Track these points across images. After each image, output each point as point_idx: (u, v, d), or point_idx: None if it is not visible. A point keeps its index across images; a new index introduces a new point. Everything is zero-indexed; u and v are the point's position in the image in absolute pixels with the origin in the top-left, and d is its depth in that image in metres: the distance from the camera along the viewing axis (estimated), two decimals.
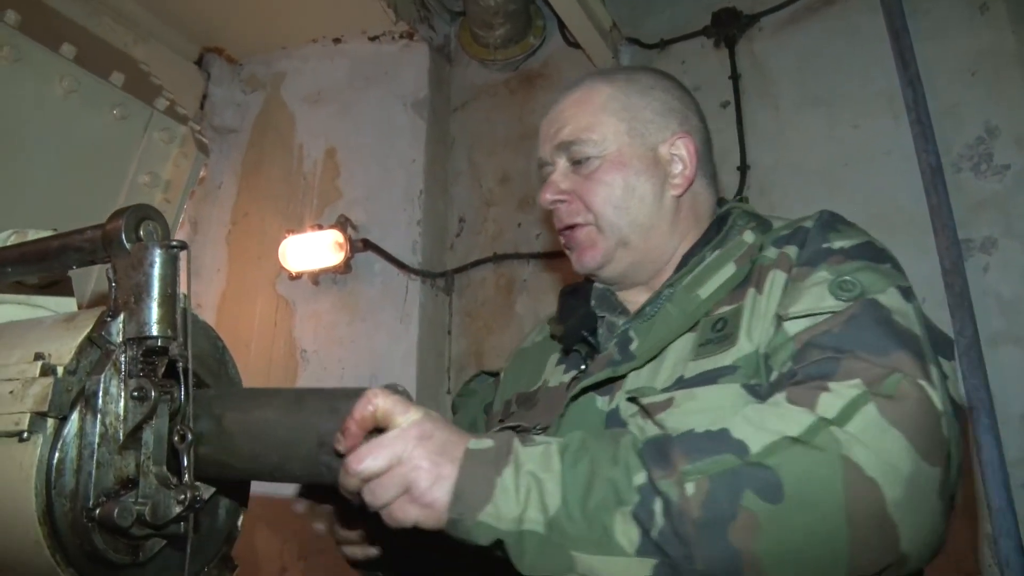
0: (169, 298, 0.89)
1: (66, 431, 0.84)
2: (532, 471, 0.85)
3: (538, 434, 1.06)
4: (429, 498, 0.84)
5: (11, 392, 0.86)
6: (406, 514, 0.85)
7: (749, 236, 1.20)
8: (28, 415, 0.83)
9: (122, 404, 0.88)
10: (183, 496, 0.87)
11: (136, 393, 0.88)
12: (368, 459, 0.84)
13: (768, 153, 2.56)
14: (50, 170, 2.24)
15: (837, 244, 1.10)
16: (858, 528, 0.79)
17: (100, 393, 0.86)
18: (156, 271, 0.89)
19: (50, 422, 0.84)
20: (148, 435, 0.90)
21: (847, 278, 1.01)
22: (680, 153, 1.28)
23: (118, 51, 2.62)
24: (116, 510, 0.84)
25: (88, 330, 0.88)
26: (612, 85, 1.30)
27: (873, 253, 1.08)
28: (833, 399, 0.85)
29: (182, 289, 0.92)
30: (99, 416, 0.86)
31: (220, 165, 3.25)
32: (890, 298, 0.99)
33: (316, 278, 2.95)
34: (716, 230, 1.26)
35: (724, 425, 0.86)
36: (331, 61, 3.21)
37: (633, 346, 1.17)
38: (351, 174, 3.05)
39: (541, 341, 1.46)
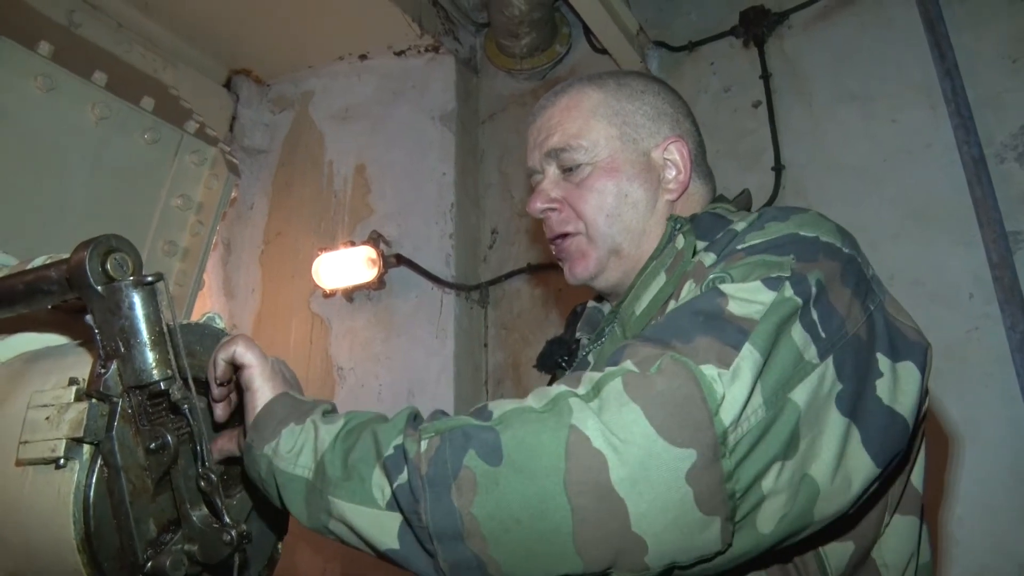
0: (160, 336, 0.87)
1: (93, 486, 0.83)
2: (315, 422, 0.90)
3: None
4: (249, 420, 0.93)
5: (47, 418, 0.85)
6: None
7: (680, 241, 1.12)
8: (64, 441, 0.82)
9: (141, 454, 0.87)
10: (228, 537, 0.86)
11: (153, 445, 0.87)
12: (239, 346, 0.96)
13: (803, 152, 2.51)
14: (85, 195, 2.26)
15: (748, 243, 0.97)
16: (580, 499, 0.74)
17: (117, 450, 0.85)
18: (138, 313, 0.86)
19: (86, 448, 0.83)
20: (177, 479, 0.89)
21: (720, 274, 0.92)
22: (673, 158, 1.24)
23: (148, 76, 2.65)
24: (168, 562, 0.84)
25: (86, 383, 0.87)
26: (602, 90, 1.26)
27: (779, 246, 0.94)
28: (593, 376, 0.82)
29: (168, 318, 0.89)
30: (122, 473, 0.85)
31: (251, 186, 3.27)
32: (740, 287, 0.88)
33: (350, 295, 2.94)
34: (667, 240, 1.17)
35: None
36: (358, 78, 3.21)
37: None
38: (382, 190, 3.05)
39: None
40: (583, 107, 1.24)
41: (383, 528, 0.81)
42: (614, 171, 1.21)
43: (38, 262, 1.15)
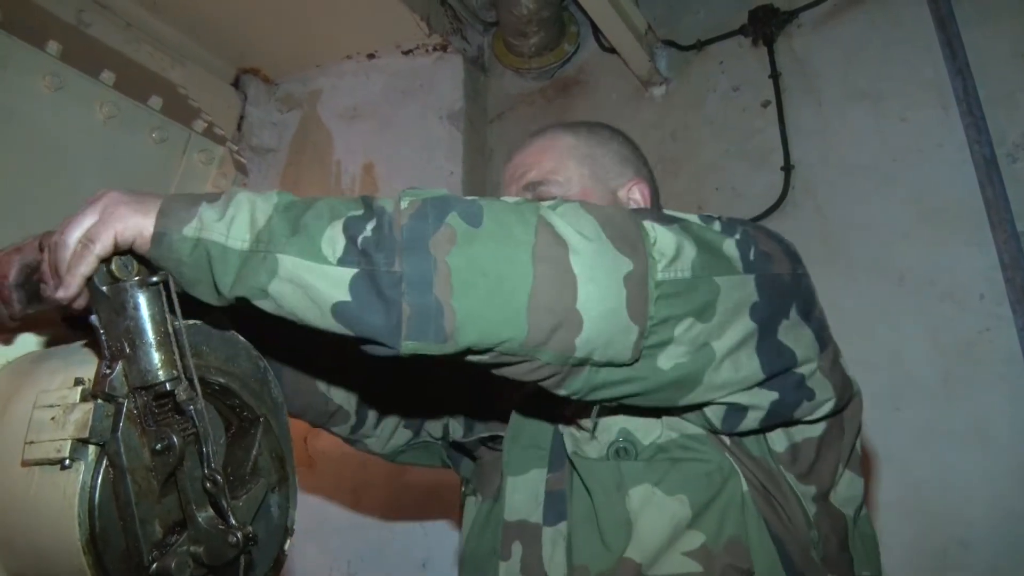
0: (166, 337, 0.87)
1: (99, 487, 0.83)
2: (248, 196, 0.89)
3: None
4: (133, 221, 0.86)
5: (53, 418, 0.85)
6: (114, 234, 0.86)
7: None
8: (69, 442, 0.82)
9: (147, 455, 0.86)
10: (234, 538, 0.86)
11: (159, 446, 0.86)
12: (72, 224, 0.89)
13: (813, 151, 2.49)
14: (93, 193, 2.26)
15: None
16: (542, 267, 0.85)
17: (123, 451, 0.84)
18: (143, 313, 0.86)
19: (91, 449, 0.83)
20: (183, 480, 0.88)
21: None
22: (636, 197, 1.37)
23: (156, 75, 2.64)
24: (173, 564, 0.84)
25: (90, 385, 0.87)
26: (575, 135, 1.40)
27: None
28: (553, 202, 0.95)
29: (176, 321, 0.89)
30: (128, 474, 0.84)
31: (259, 185, 3.26)
32: (678, 213, 1.02)
33: None
34: None
35: None
36: (366, 77, 3.21)
37: None
38: (390, 188, 3.04)
39: None
40: (558, 148, 1.38)
41: (333, 281, 0.84)
42: None
43: None
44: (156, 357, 0.86)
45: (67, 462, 0.82)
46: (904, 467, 2.09)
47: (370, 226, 0.86)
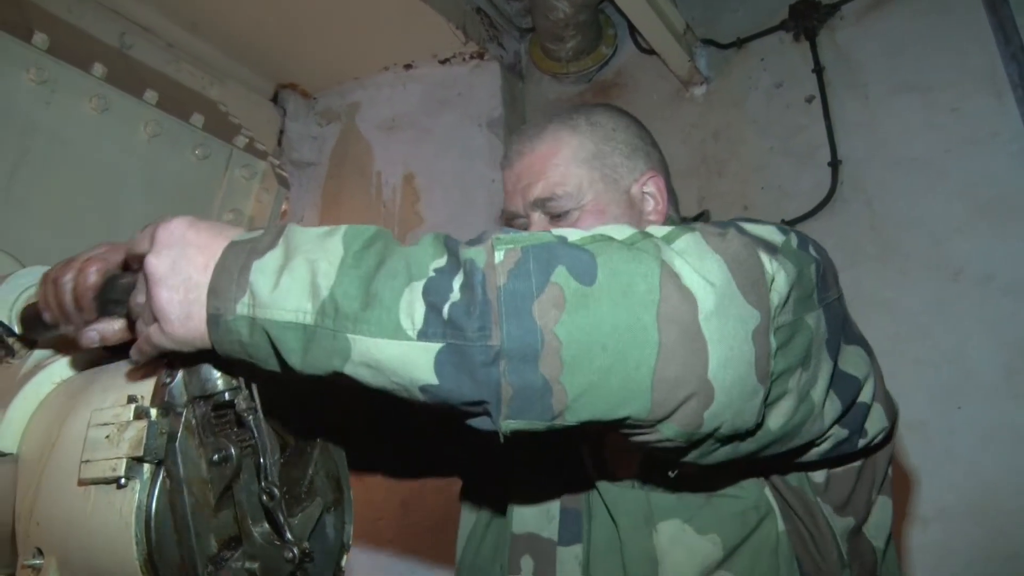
0: None
1: (155, 506, 0.82)
2: (306, 254, 0.75)
3: None
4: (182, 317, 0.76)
5: (107, 437, 0.84)
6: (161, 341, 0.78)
7: None
8: (124, 460, 0.81)
9: (204, 467, 0.85)
10: (290, 554, 0.84)
11: (216, 457, 0.85)
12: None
13: (860, 146, 2.44)
14: (139, 210, 2.29)
15: None
16: (668, 332, 0.72)
17: (180, 462, 0.83)
18: None
19: (146, 467, 0.82)
20: (240, 493, 0.87)
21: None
22: (651, 192, 1.30)
23: (197, 94, 2.68)
24: None
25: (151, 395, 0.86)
26: (577, 134, 1.28)
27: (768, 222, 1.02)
28: (660, 228, 0.82)
29: None
30: (185, 485, 0.83)
31: (301, 199, 3.28)
32: (755, 227, 0.90)
33: None
34: None
35: None
36: (404, 87, 3.21)
37: None
38: (431, 198, 3.04)
39: None
40: (562, 154, 1.26)
41: (414, 361, 0.71)
42: (601, 212, 1.25)
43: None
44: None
45: (123, 480, 0.81)
46: (969, 468, 2.03)
47: (457, 283, 0.72)
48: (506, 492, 1.20)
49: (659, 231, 0.81)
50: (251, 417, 0.86)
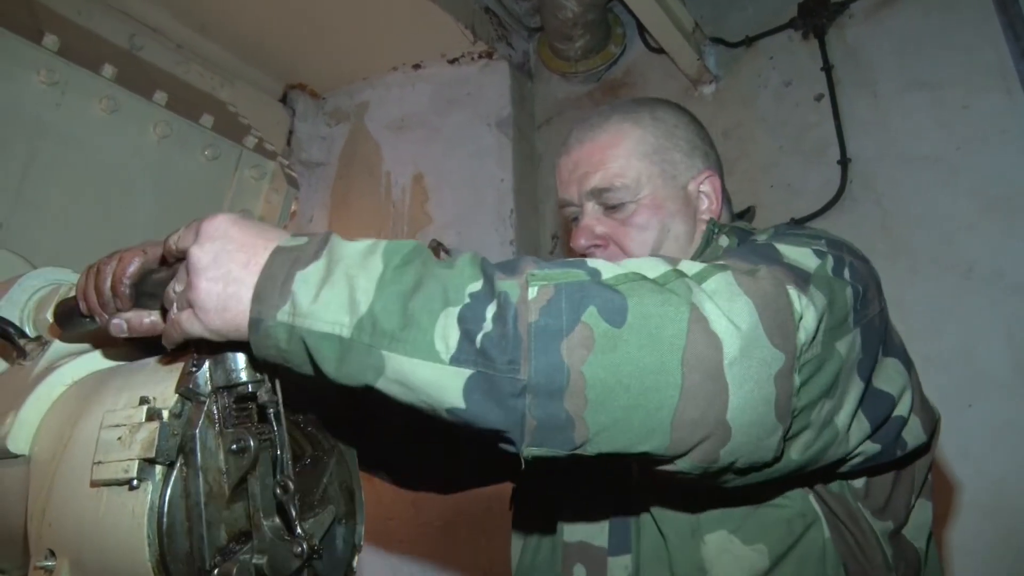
0: None
1: (170, 492, 0.83)
2: (346, 269, 0.78)
3: None
4: (231, 307, 0.79)
5: (119, 438, 0.85)
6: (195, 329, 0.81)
7: (724, 240, 1.24)
8: (136, 462, 0.82)
9: (222, 457, 0.86)
10: (299, 549, 0.85)
11: (235, 447, 0.86)
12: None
13: (870, 144, 2.43)
14: (149, 211, 2.31)
15: (764, 238, 1.07)
16: (691, 376, 0.75)
17: (198, 449, 0.84)
18: None
19: (158, 468, 0.83)
20: (254, 486, 0.87)
21: (768, 239, 1.02)
22: (707, 191, 1.30)
23: (206, 95, 2.69)
24: (235, 570, 0.82)
25: (175, 383, 0.87)
26: (640, 127, 1.29)
27: (812, 236, 1.03)
28: (692, 265, 0.84)
29: None
30: (201, 473, 0.84)
31: (310, 199, 3.29)
32: (790, 248, 0.94)
33: None
34: (705, 243, 1.28)
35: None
36: (412, 87, 3.22)
37: None
38: (440, 198, 3.05)
39: None
40: (623, 146, 1.27)
41: (445, 384, 0.74)
42: (657, 208, 1.26)
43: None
44: (242, 358, 0.86)
45: (135, 482, 0.82)
46: (981, 465, 2.02)
47: (490, 313, 0.75)
48: (556, 501, 1.20)
49: (691, 268, 0.83)
50: (272, 410, 0.87)
